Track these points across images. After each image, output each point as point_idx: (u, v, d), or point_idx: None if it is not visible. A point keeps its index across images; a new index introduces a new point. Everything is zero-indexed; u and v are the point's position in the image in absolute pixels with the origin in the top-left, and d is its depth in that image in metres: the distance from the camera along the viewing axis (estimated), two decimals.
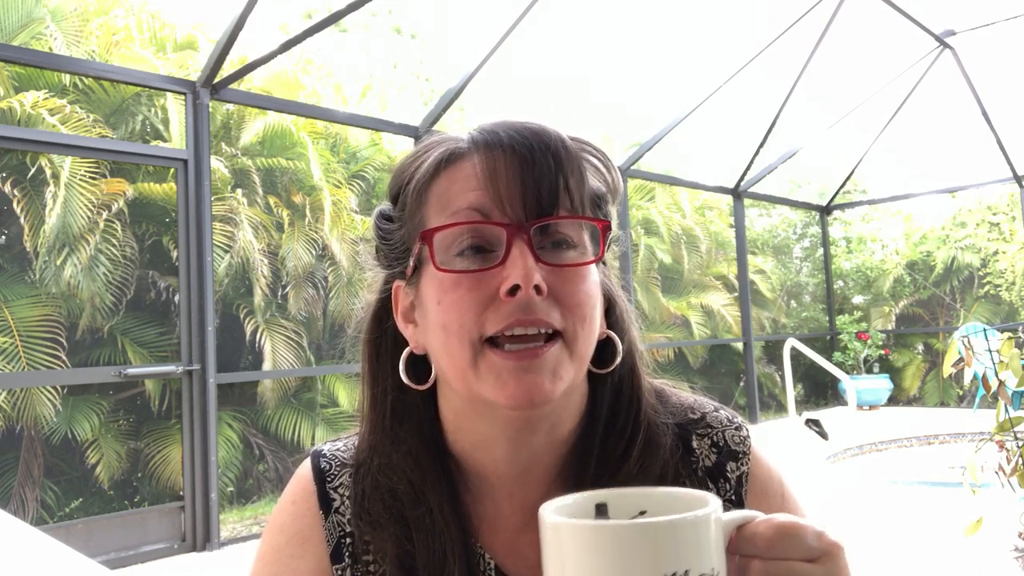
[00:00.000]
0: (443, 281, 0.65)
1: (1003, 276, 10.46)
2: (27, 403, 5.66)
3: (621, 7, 9.73)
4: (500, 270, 0.63)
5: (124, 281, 6.36)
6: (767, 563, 0.51)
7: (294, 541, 0.74)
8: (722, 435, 0.77)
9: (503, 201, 0.64)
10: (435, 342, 0.67)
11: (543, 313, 0.63)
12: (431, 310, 0.67)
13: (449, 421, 0.73)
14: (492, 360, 0.63)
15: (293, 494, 0.77)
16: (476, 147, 0.67)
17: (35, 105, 5.83)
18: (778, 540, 0.51)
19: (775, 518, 0.52)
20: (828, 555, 0.52)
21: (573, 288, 0.65)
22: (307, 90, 7.99)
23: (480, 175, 0.66)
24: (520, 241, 0.63)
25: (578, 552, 0.48)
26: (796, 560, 0.51)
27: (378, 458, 0.73)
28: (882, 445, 7.31)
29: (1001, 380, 2.85)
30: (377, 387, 0.75)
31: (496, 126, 0.68)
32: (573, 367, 0.65)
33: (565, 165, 0.66)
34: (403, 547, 0.69)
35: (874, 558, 3.78)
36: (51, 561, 1.88)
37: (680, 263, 10.53)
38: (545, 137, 0.67)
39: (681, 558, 0.47)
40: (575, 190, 0.66)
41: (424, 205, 0.69)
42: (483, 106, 9.77)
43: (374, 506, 0.71)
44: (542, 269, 0.63)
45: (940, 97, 9.09)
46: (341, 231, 7.50)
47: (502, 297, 0.63)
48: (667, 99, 7.89)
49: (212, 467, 4.68)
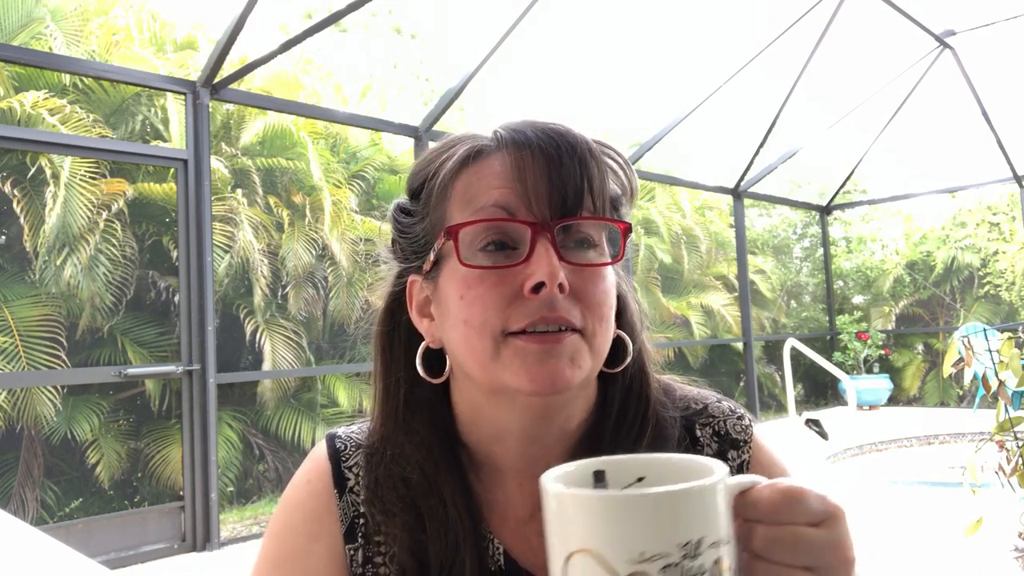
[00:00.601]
0: (466, 276, 0.66)
1: (1003, 276, 10.46)
2: (27, 403, 5.66)
3: (621, 7, 9.73)
4: (524, 267, 0.64)
5: (124, 281, 6.36)
6: (771, 528, 0.51)
7: (310, 520, 0.75)
8: (723, 424, 0.79)
9: (530, 199, 0.66)
10: (455, 336, 0.68)
11: (565, 311, 0.64)
12: (452, 304, 0.68)
13: (464, 414, 0.74)
14: (516, 345, 0.65)
15: (308, 472, 0.78)
16: (503, 145, 0.69)
17: (35, 105, 5.83)
18: (783, 504, 0.51)
19: (779, 482, 0.52)
20: (832, 518, 0.51)
21: (594, 288, 0.67)
22: (307, 90, 7.99)
23: (507, 172, 0.67)
24: (544, 239, 0.65)
25: (595, 519, 0.46)
26: (800, 524, 0.51)
27: (391, 448, 0.74)
28: (882, 445, 7.31)
29: (1001, 380, 2.85)
30: (390, 379, 0.76)
31: (523, 125, 0.69)
32: (591, 359, 0.67)
33: (590, 167, 0.68)
34: (416, 536, 0.70)
35: (874, 558, 3.78)
36: (51, 561, 1.88)
37: (680, 263, 10.53)
38: (572, 139, 0.68)
39: (694, 526, 0.46)
40: (598, 192, 0.68)
41: (447, 200, 0.70)
42: (483, 106, 9.78)
43: (387, 495, 0.72)
44: (564, 268, 0.65)
45: (940, 97, 9.09)
46: (341, 231, 7.50)
47: (526, 294, 0.64)
48: (667, 99, 7.89)
49: (212, 467, 4.68)
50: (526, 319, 0.64)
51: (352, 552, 0.74)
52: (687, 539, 0.46)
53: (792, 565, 0.50)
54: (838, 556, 0.51)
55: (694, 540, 0.46)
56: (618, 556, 0.45)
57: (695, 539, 0.46)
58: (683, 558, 0.45)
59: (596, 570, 0.46)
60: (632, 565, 0.45)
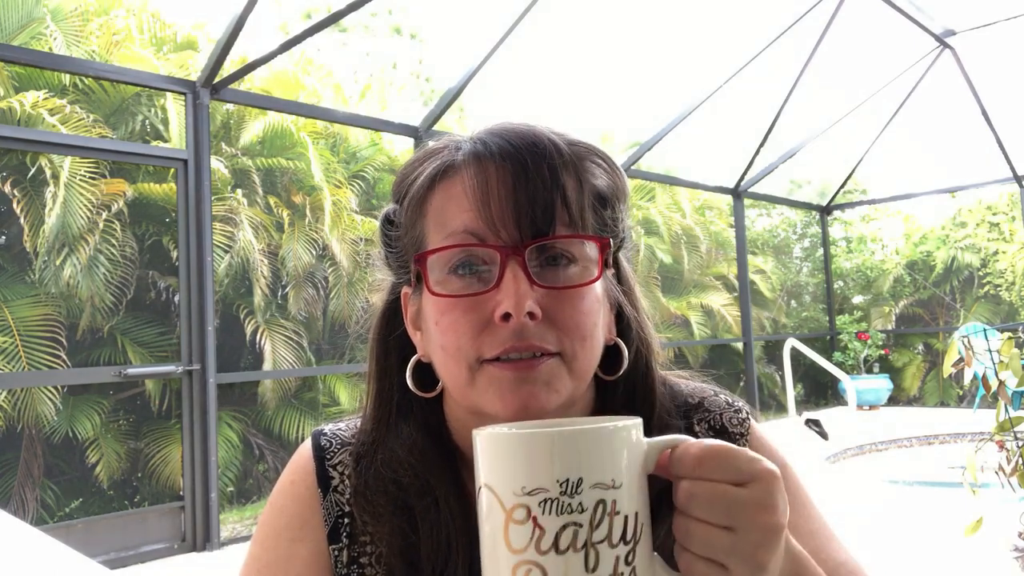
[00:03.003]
0: (438, 302, 0.65)
1: (1003, 276, 10.46)
2: (27, 403, 5.66)
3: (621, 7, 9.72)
4: (495, 293, 0.62)
5: (124, 281, 6.36)
6: (693, 483, 0.51)
7: (293, 524, 0.74)
8: (719, 417, 0.78)
9: (495, 223, 0.63)
10: (436, 358, 0.68)
11: (537, 338, 0.62)
12: (431, 327, 0.67)
13: (454, 423, 0.73)
14: (490, 372, 0.63)
15: (292, 473, 0.77)
16: (467, 162, 0.66)
17: (35, 105, 5.83)
18: (706, 459, 0.51)
19: (705, 440, 0.52)
20: (758, 479, 0.51)
21: (571, 310, 0.64)
22: (307, 90, 7.99)
23: (471, 195, 0.64)
24: (514, 264, 0.62)
25: (492, 456, 0.52)
26: (721, 482, 0.50)
27: (382, 452, 0.72)
28: (882, 445, 7.31)
29: (1001, 380, 2.85)
30: (384, 384, 0.75)
31: (488, 136, 0.67)
32: (571, 382, 0.65)
33: (561, 175, 0.64)
34: (407, 539, 0.69)
35: (874, 558, 3.78)
36: (51, 561, 1.88)
37: (680, 263, 10.53)
38: (539, 146, 0.65)
39: (572, 466, 0.50)
40: (573, 201, 0.65)
41: (422, 219, 0.69)
42: (483, 106, 9.77)
43: (377, 498, 0.71)
44: (537, 292, 0.62)
45: (940, 97, 9.09)
46: (341, 231, 7.50)
47: (496, 322, 0.62)
48: (667, 99, 7.89)
49: (212, 467, 4.68)
50: (498, 347, 0.62)
51: (336, 552, 0.73)
52: (564, 477, 0.49)
53: (710, 522, 0.50)
54: (761, 518, 0.50)
55: (573, 479, 0.49)
56: (504, 488, 0.50)
57: (573, 478, 0.49)
58: (561, 494, 0.49)
59: (492, 501, 0.51)
60: (516, 497, 0.50)
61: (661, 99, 8.62)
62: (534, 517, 0.49)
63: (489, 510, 0.51)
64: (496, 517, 0.51)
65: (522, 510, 0.49)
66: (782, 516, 0.51)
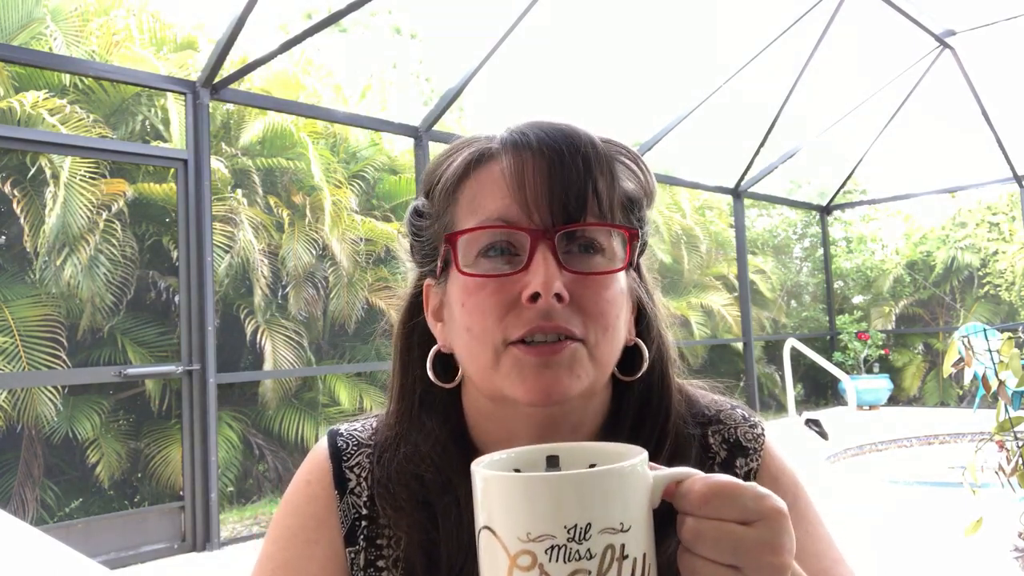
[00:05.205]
0: (467, 284, 0.65)
1: (1003, 276, 10.46)
2: (27, 403, 5.66)
3: (621, 7, 9.73)
4: (523, 275, 0.63)
5: (124, 281, 6.36)
6: (699, 521, 0.50)
7: (309, 524, 0.74)
8: (734, 431, 0.77)
9: (529, 207, 0.64)
10: (459, 343, 0.68)
11: (563, 320, 0.63)
12: (456, 311, 0.67)
13: (474, 417, 0.73)
14: (514, 355, 0.64)
15: (308, 473, 0.77)
16: (505, 149, 0.67)
17: (35, 105, 5.83)
18: (712, 497, 0.50)
19: (712, 476, 0.51)
20: (766, 519, 0.50)
21: (597, 296, 0.65)
22: (307, 90, 7.99)
23: (509, 179, 0.65)
24: (544, 247, 0.63)
25: (494, 499, 0.49)
26: (728, 520, 0.50)
27: (405, 446, 0.73)
28: (882, 445, 7.31)
29: (1001, 380, 2.85)
30: (407, 378, 0.75)
31: (526, 127, 0.68)
32: (593, 369, 0.65)
33: (595, 168, 0.66)
34: (427, 534, 0.69)
35: (874, 558, 3.78)
36: (51, 561, 1.88)
37: (680, 263, 10.53)
38: (575, 139, 0.66)
39: (580, 512, 0.47)
40: (604, 194, 0.66)
41: (454, 205, 0.69)
42: (483, 106, 9.78)
43: (399, 492, 0.71)
44: (565, 276, 0.63)
45: (940, 97, 9.09)
46: (341, 231, 7.50)
47: (524, 303, 0.63)
48: (667, 99, 7.90)
49: (212, 467, 4.68)
50: (523, 328, 0.63)
51: (353, 555, 0.72)
52: (573, 523, 0.47)
53: (716, 561, 0.50)
54: (767, 559, 0.50)
55: (581, 525, 0.47)
56: (509, 534, 0.48)
57: (582, 524, 0.47)
58: (568, 541, 0.47)
59: (494, 546, 0.49)
60: (520, 543, 0.48)
61: (661, 99, 8.62)
62: (540, 564, 0.47)
63: (492, 555, 0.49)
64: (499, 563, 0.49)
65: (527, 556, 0.48)
66: (788, 555, 0.51)
